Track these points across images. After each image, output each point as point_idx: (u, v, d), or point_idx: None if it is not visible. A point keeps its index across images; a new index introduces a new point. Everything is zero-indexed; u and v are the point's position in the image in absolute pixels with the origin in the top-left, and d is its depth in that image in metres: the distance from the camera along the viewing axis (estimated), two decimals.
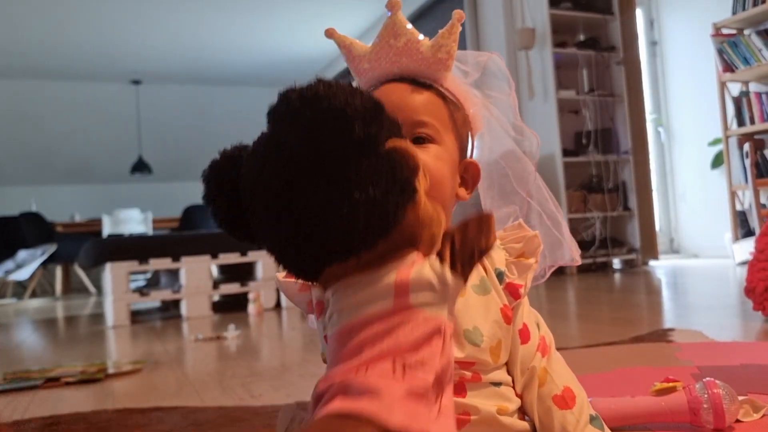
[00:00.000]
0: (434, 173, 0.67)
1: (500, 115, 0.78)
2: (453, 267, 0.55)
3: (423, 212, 0.54)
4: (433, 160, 0.68)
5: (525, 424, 0.68)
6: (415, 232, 0.54)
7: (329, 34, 0.73)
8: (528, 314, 0.72)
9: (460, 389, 0.65)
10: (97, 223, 6.42)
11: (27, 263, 5.70)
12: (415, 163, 0.53)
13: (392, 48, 0.71)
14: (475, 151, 0.79)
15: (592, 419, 0.69)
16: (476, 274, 0.69)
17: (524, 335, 0.70)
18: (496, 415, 0.65)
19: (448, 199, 0.70)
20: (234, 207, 0.58)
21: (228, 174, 0.59)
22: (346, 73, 0.76)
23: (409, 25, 0.71)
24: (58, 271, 6.17)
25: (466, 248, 0.55)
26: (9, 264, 5.78)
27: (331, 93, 0.51)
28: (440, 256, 0.56)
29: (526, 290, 0.71)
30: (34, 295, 6.08)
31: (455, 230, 0.57)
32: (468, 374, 0.65)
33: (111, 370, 1.74)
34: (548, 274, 0.79)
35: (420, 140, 0.69)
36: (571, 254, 0.79)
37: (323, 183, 0.50)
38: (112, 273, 3.10)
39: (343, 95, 0.51)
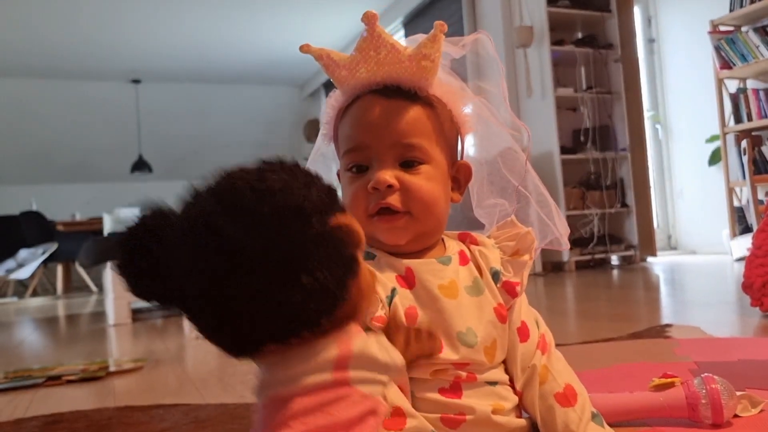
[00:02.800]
0: (427, 196, 0.67)
1: (493, 110, 0.78)
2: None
3: (363, 283, 0.54)
4: (425, 183, 0.67)
5: (522, 422, 0.68)
6: (356, 305, 0.53)
7: (304, 49, 0.71)
8: (527, 312, 0.72)
9: (455, 389, 0.65)
10: (98, 221, 6.41)
11: (28, 262, 5.69)
12: (359, 236, 0.52)
13: (372, 59, 0.69)
14: (470, 147, 0.79)
15: (594, 416, 0.70)
16: (469, 274, 0.70)
17: (523, 333, 0.70)
18: (491, 416, 0.65)
19: (443, 214, 0.70)
20: (155, 279, 0.53)
21: (148, 245, 0.53)
22: None
23: (389, 37, 0.69)
24: (59, 270, 6.16)
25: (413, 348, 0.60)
26: (10, 263, 5.78)
27: (286, 187, 0.48)
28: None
29: (523, 288, 0.71)
30: (35, 293, 6.08)
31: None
32: (463, 374, 0.66)
33: (112, 368, 1.74)
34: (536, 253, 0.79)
35: (409, 164, 0.68)
36: (560, 239, 0.79)
37: (270, 274, 0.47)
38: (113, 271, 3.09)
39: (299, 188, 0.49)
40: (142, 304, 3.82)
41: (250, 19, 6.00)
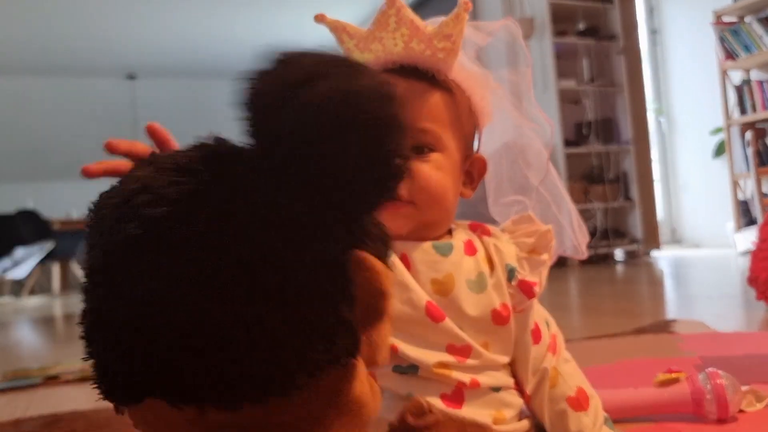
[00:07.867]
0: (434, 187, 0.64)
1: (514, 101, 0.74)
2: None
3: (359, 389, 0.35)
4: (434, 172, 0.64)
5: (524, 424, 0.65)
6: (320, 417, 0.33)
7: (319, 18, 0.68)
8: (538, 313, 0.69)
9: (457, 398, 0.62)
10: None
11: (24, 261, 5.69)
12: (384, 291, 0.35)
13: (390, 36, 0.65)
14: (489, 140, 0.75)
15: (605, 420, 0.68)
16: (474, 267, 0.65)
17: (536, 335, 0.67)
18: (492, 426, 0.62)
19: (450, 206, 0.67)
20: None
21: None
22: None
23: (409, 13, 0.65)
24: (56, 269, 6.15)
25: None
26: (6, 262, 5.78)
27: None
28: None
29: (541, 288, 0.67)
30: (32, 293, 6.08)
31: None
32: (467, 380, 0.62)
33: None
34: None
35: (419, 149, 0.64)
36: (576, 246, 0.76)
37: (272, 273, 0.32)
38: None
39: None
40: None
41: (247, 13, 5.99)
